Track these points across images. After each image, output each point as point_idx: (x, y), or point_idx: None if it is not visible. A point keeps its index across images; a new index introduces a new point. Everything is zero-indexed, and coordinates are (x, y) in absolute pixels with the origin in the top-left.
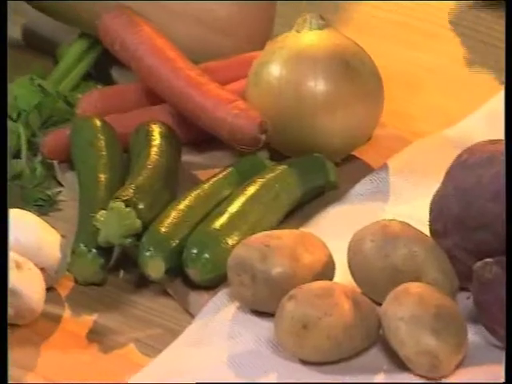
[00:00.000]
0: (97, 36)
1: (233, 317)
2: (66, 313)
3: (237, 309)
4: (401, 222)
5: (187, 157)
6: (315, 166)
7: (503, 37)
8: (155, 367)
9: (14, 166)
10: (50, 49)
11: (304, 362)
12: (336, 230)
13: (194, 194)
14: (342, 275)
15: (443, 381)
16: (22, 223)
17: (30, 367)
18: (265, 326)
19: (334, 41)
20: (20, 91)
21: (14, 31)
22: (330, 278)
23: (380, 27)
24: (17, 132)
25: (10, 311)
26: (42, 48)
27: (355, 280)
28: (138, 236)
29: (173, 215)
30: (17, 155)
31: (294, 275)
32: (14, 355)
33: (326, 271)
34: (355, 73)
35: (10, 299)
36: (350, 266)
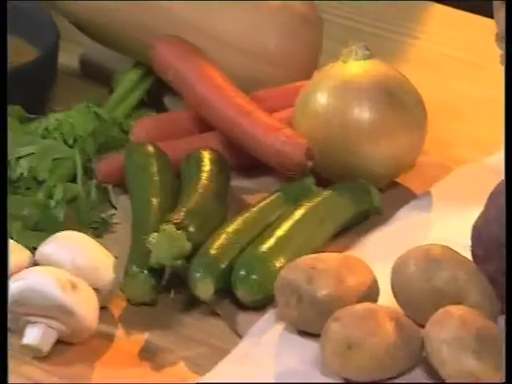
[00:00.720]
0: (150, 65)
1: (279, 337)
2: (119, 331)
3: (283, 329)
4: (443, 246)
5: (236, 182)
6: (360, 192)
7: None
8: None
9: (70, 189)
10: (106, 78)
11: (348, 382)
12: (380, 253)
13: (242, 217)
14: (386, 298)
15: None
16: (78, 245)
17: None
18: (310, 346)
19: (379, 71)
20: (77, 118)
21: (71, 60)
22: (374, 300)
23: (424, 58)
24: (73, 157)
25: (66, 329)
26: (99, 77)
27: (398, 302)
28: (188, 258)
29: (222, 238)
30: (73, 179)
31: (338, 297)
32: (69, 372)
33: (370, 293)
34: (399, 102)
35: (65, 318)
36: (393, 289)
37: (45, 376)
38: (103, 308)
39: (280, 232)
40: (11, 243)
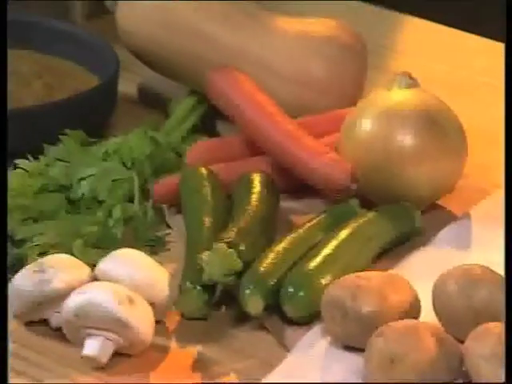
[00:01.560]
0: (204, 93)
1: (325, 351)
2: (173, 344)
3: (329, 344)
4: (482, 266)
5: (285, 203)
6: (403, 214)
7: None
8: None
9: (128, 209)
10: (162, 104)
11: None
12: (421, 272)
13: (290, 237)
14: (427, 315)
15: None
16: (135, 262)
17: None
18: (355, 360)
19: (421, 99)
20: (135, 142)
21: (130, 88)
22: (416, 317)
23: (464, 86)
24: (131, 179)
25: (123, 342)
26: (155, 104)
27: (439, 319)
28: (238, 275)
29: (271, 256)
30: (130, 200)
31: (382, 314)
32: (125, 382)
33: (412, 310)
34: (440, 128)
35: (122, 331)
36: (434, 306)
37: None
38: (158, 322)
39: (326, 251)
40: (73, 259)
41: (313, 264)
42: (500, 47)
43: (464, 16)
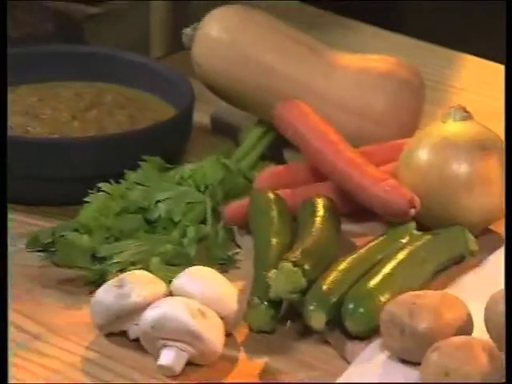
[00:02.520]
0: (272, 123)
1: (383, 364)
2: (242, 355)
3: (387, 357)
4: None
5: (346, 226)
6: (457, 237)
7: None
8: None
9: (201, 230)
10: (234, 133)
11: None
12: (474, 292)
13: (351, 257)
14: (480, 331)
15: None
16: (207, 278)
17: None
18: (411, 373)
19: (475, 130)
20: (208, 168)
21: (204, 118)
22: (469, 334)
23: None
24: (204, 202)
25: (196, 352)
26: (227, 133)
27: (491, 336)
28: (303, 292)
29: (333, 275)
30: (203, 221)
31: (437, 330)
32: None
33: (466, 327)
34: (492, 158)
35: (195, 342)
36: (486, 324)
37: None
38: (228, 334)
39: (385, 271)
40: (150, 276)
41: (372, 283)
42: None
43: None
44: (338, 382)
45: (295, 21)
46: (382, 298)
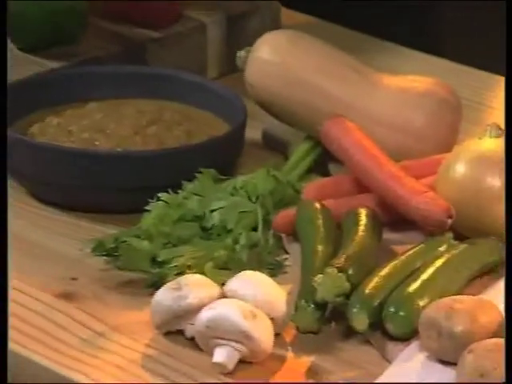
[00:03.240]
0: (319, 138)
1: (422, 364)
2: (289, 354)
3: (425, 358)
4: None
5: (387, 234)
6: (491, 246)
7: None
8: None
9: (252, 237)
10: (283, 148)
11: None
12: None
13: (392, 263)
14: None
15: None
16: (258, 282)
17: None
18: (448, 373)
19: None
20: (259, 180)
21: (255, 134)
22: (503, 336)
23: None
24: (255, 211)
25: (247, 351)
26: (277, 147)
27: None
28: (347, 296)
29: (375, 280)
30: (254, 229)
31: (472, 333)
32: None
33: (499, 330)
34: None
35: (246, 342)
36: None
37: None
38: (277, 334)
39: (423, 277)
40: (205, 279)
41: (412, 288)
42: None
43: None
44: (379, 382)
45: (339, 44)
46: (421, 303)
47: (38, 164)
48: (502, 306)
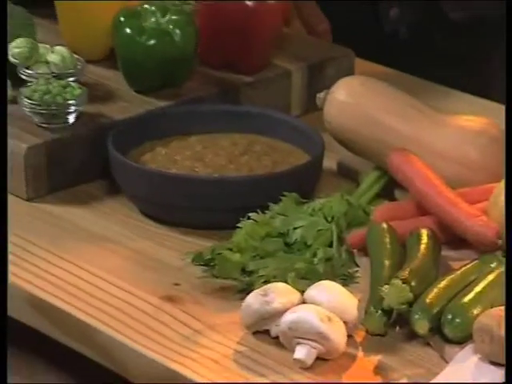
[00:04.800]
0: (386, 168)
1: (475, 365)
2: (360, 353)
3: (479, 359)
4: None
5: (445, 252)
6: None
7: None
8: None
9: (328, 252)
10: (355, 176)
11: None
12: None
13: (449, 277)
14: None
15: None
16: (332, 290)
17: None
18: (498, 373)
19: None
20: (334, 203)
21: (331, 164)
22: None
23: None
24: (331, 230)
25: (323, 350)
26: (350, 175)
27: None
28: (410, 304)
29: (435, 291)
30: (330, 245)
31: None
32: (323, 379)
33: None
34: None
35: (323, 342)
36: None
37: (307, 381)
38: (349, 336)
39: (477, 289)
40: (288, 287)
41: (467, 298)
42: None
43: None
44: (437, 381)
45: (400, 87)
46: (475, 311)
47: (149, 187)
48: None
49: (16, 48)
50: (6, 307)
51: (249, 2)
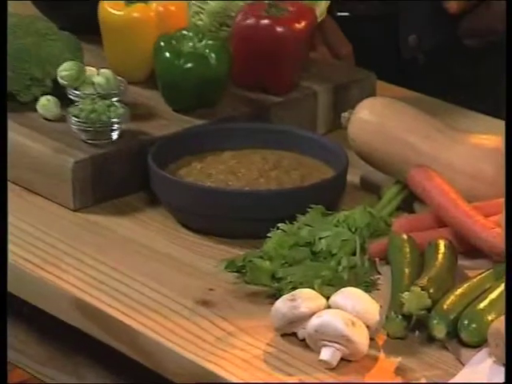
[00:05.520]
0: (406, 183)
1: (490, 367)
2: (381, 355)
3: (493, 362)
4: None
5: (461, 261)
6: None
7: None
8: None
9: (351, 260)
10: (377, 190)
11: None
12: None
13: (465, 285)
14: None
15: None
16: (356, 296)
17: None
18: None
19: None
20: (357, 215)
21: (355, 178)
22: None
23: None
24: (354, 240)
25: (347, 351)
26: (372, 189)
27: None
28: (428, 310)
29: (452, 298)
30: (353, 254)
31: None
32: (347, 379)
33: None
34: None
35: (347, 344)
36: None
37: (332, 380)
38: (371, 339)
39: (492, 296)
40: (314, 293)
41: (482, 305)
42: None
43: None
44: (453, 382)
45: (419, 108)
46: (490, 317)
47: (185, 199)
48: None
49: (65, 71)
50: (6, 307)
51: (279, 29)
